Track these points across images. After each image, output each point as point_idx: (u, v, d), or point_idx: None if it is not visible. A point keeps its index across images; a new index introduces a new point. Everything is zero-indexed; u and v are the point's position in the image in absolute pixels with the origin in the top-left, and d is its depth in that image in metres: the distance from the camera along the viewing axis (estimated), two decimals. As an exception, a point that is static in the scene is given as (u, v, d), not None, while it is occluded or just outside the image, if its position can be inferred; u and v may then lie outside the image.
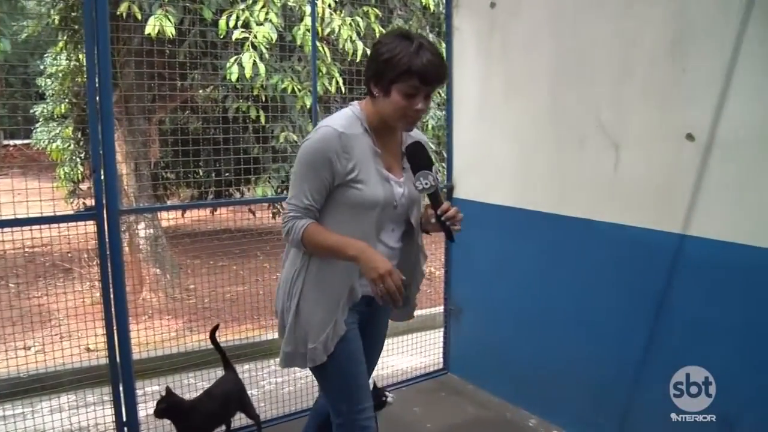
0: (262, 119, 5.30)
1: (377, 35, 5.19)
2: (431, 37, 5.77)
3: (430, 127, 5.81)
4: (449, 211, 1.89)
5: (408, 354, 3.91)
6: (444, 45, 3.72)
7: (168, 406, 2.76)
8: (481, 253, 3.53)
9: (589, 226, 2.90)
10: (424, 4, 5.45)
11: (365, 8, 5.32)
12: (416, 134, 2.05)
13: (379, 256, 1.82)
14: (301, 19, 4.97)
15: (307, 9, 4.49)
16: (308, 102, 4.98)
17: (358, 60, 4.94)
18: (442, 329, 3.92)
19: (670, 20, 2.55)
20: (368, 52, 4.93)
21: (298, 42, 4.89)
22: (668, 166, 2.59)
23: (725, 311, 2.42)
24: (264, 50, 4.75)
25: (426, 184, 1.87)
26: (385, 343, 3.80)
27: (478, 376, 3.66)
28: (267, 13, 4.72)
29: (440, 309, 3.97)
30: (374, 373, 3.70)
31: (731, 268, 2.40)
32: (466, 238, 3.56)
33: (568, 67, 2.97)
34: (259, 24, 4.70)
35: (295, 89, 5.11)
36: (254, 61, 4.63)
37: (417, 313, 4.73)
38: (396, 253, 2.03)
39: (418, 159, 1.90)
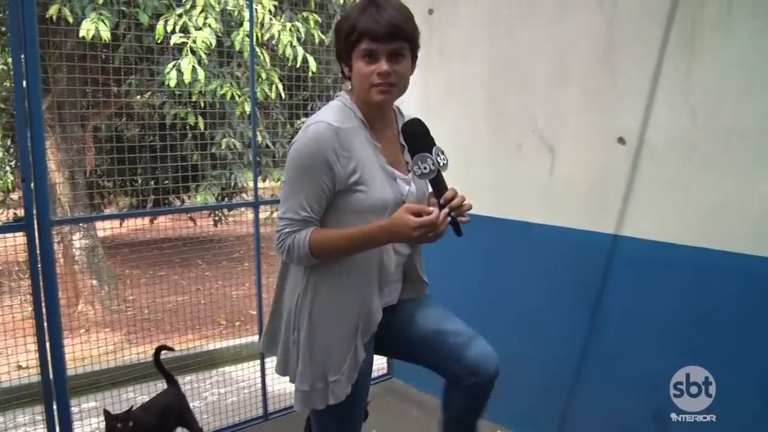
0: (201, 125, 5.22)
1: (317, 41, 5.19)
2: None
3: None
4: (454, 200, 1.59)
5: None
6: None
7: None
8: (427, 259, 3.53)
9: (527, 228, 2.95)
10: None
11: (305, 14, 5.30)
12: (407, 112, 1.86)
13: (395, 221, 1.55)
14: (241, 25, 4.92)
15: (247, 14, 4.43)
16: (248, 108, 4.93)
17: (298, 65, 4.91)
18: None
19: (601, 28, 2.62)
20: (309, 57, 4.93)
21: (238, 47, 4.84)
22: (601, 169, 2.67)
23: (655, 307, 2.51)
24: (203, 55, 4.67)
25: (425, 168, 1.59)
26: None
27: (422, 380, 3.67)
28: (206, 18, 4.65)
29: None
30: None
31: (660, 265, 2.49)
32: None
33: (505, 72, 3.02)
34: (198, 29, 4.63)
35: (235, 95, 5.05)
36: (193, 66, 4.56)
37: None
38: (405, 259, 1.85)
39: (414, 139, 1.64)
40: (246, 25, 4.69)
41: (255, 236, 3.27)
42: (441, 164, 1.61)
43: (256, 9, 4.77)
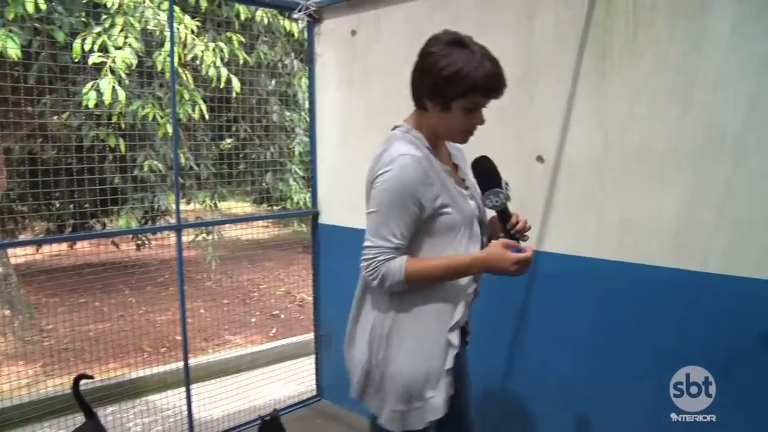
0: (122, 147, 5.07)
1: (241, 61, 5.14)
2: (296, 64, 5.79)
3: (297, 153, 5.80)
4: (518, 225, 1.80)
5: (282, 383, 3.85)
6: (307, 72, 3.74)
7: None
8: (347, 277, 3.52)
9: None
10: (288, 30, 5.47)
11: (228, 34, 5.25)
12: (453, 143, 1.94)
13: (494, 255, 1.69)
14: (162, 44, 4.83)
15: (168, 34, 4.37)
16: (171, 129, 4.83)
17: (222, 86, 4.86)
18: (314, 356, 3.89)
19: (519, 50, 2.70)
20: (233, 78, 4.87)
21: (160, 67, 4.74)
22: (522, 187, 2.73)
23: (573, 317, 2.59)
24: (123, 75, 4.56)
25: (497, 201, 1.76)
26: (259, 373, 3.77)
27: (351, 402, 3.64)
28: (126, 37, 4.54)
29: (312, 335, 3.93)
30: (247, 405, 3.64)
31: (577, 278, 2.58)
32: (332, 263, 3.61)
33: (425, 93, 3.07)
34: (118, 48, 4.51)
35: (157, 116, 4.94)
36: (113, 86, 4.44)
37: (290, 341, 4.70)
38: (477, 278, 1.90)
39: (485, 175, 1.81)
40: (168, 45, 4.61)
41: (178, 260, 3.19)
42: (509, 197, 1.78)
43: (178, 29, 4.70)
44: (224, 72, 4.91)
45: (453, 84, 1.65)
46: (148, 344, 5.39)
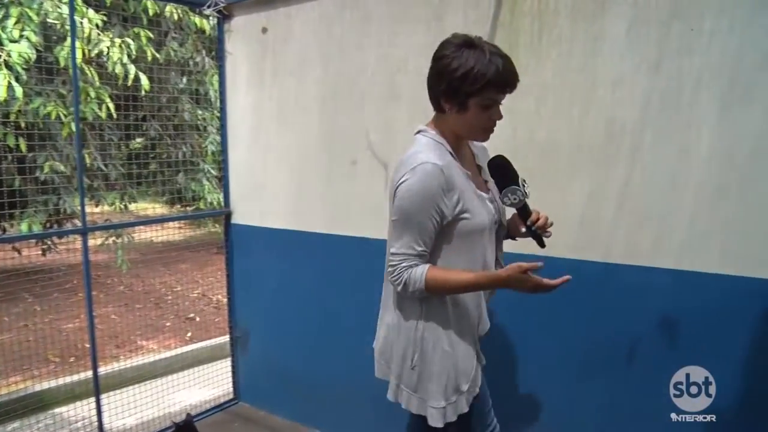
0: (23, 147, 4.80)
1: (150, 58, 4.98)
2: (207, 61, 5.67)
3: (209, 152, 5.68)
4: (539, 221, 1.81)
5: (197, 387, 3.76)
6: (218, 69, 3.67)
7: None
8: (262, 277, 3.51)
9: (365, 243, 3.01)
10: (199, 27, 5.33)
11: (136, 29, 5.07)
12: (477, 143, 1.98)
13: (514, 278, 1.70)
14: (64, 38, 4.61)
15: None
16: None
17: (129, 84, 4.68)
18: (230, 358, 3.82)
19: (429, 49, 2.70)
20: (141, 75, 4.71)
21: (62, 63, 4.52)
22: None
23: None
24: (21, 71, 4.32)
25: (515, 199, 1.77)
26: (172, 378, 3.66)
27: (269, 402, 3.62)
28: (23, 30, 4.30)
29: (228, 337, 3.86)
30: (162, 412, 3.53)
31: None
32: (247, 263, 3.56)
33: (338, 91, 3.08)
34: (14, 41, 4.27)
35: (60, 114, 4.71)
36: (9, 82, 4.19)
37: (206, 344, 4.60)
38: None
39: (501, 174, 1.81)
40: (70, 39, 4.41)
41: (84, 265, 3.06)
42: (528, 194, 1.78)
43: (81, 22, 4.50)
44: (132, 69, 4.74)
45: (467, 83, 1.70)
46: (55, 354, 5.15)
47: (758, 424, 2.05)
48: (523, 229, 1.83)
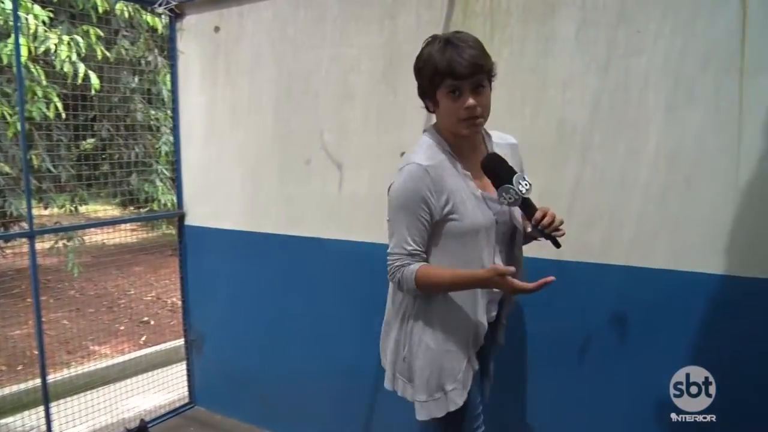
0: (-35, 148, 4.65)
1: (100, 56, 4.86)
2: (159, 60, 5.56)
3: (163, 152, 5.57)
4: (544, 219, 1.72)
5: (152, 392, 3.68)
6: (170, 68, 3.60)
7: None
8: (217, 279, 3.47)
9: (319, 244, 3.00)
10: (151, 25, 5.22)
11: (85, 27, 4.94)
12: (499, 137, 1.94)
13: (494, 282, 1.70)
14: (8, 35, 4.46)
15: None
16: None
17: (79, 83, 4.56)
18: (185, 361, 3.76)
19: (382, 48, 2.75)
20: (91, 74, 4.60)
21: (6, 61, 4.38)
22: (387, 183, 2.76)
23: None
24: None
25: (509, 198, 1.71)
26: (126, 383, 3.58)
27: (225, 405, 3.57)
28: (-38, 26, 4.16)
29: (183, 341, 3.80)
30: (116, 419, 3.46)
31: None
32: (201, 265, 3.51)
33: (291, 91, 3.05)
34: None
35: (6, 114, 4.57)
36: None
37: (161, 347, 4.52)
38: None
39: (493, 174, 1.75)
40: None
41: (31, 269, 2.97)
42: (523, 191, 1.71)
43: (26, 19, 4.37)
44: (81, 68, 4.61)
45: (423, 75, 1.76)
46: (3, 362, 4.99)
47: (758, 424, 2.07)
48: (529, 229, 1.81)
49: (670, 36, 2.12)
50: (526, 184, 1.72)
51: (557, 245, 1.78)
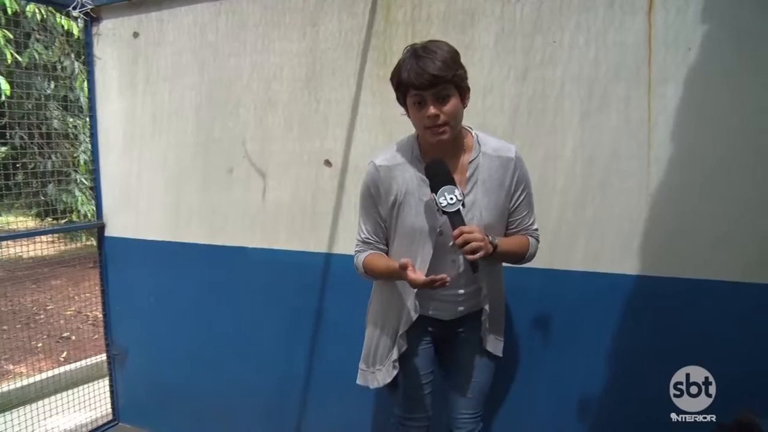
0: None
1: (10, 60, 4.65)
2: (77, 65, 5.36)
3: (82, 161, 5.37)
4: (459, 238, 1.70)
5: (72, 411, 3.53)
6: (86, 75, 3.48)
7: None
8: (140, 291, 3.36)
9: (244, 253, 2.96)
10: (66, 28, 5.02)
11: (-6, 30, 4.72)
12: (493, 149, 1.90)
13: (398, 274, 1.77)
14: None
15: None
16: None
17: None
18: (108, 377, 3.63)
19: (305, 56, 2.74)
20: (2, 80, 4.40)
21: None
22: (311, 191, 2.78)
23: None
24: None
25: (442, 203, 1.73)
26: (45, 402, 3.42)
27: (151, 420, 3.47)
28: None
29: (105, 356, 3.66)
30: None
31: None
32: (123, 277, 3.40)
33: (213, 98, 3.00)
34: None
35: None
36: None
37: (82, 363, 4.34)
38: (459, 295, 1.97)
39: (430, 181, 1.79)
40: None
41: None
42: (442, 203, 1.74)
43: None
44: (-9, 73, 4.40)
45: (394, 86, 1.85)
46: None
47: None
48: (451, 243, 1.77)
49: (583, 46, 2.21)
50: (451, 198, 1.73)
51: (473, 269, 1.78)
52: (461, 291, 1.98)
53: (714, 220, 2.09)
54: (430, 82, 1.72)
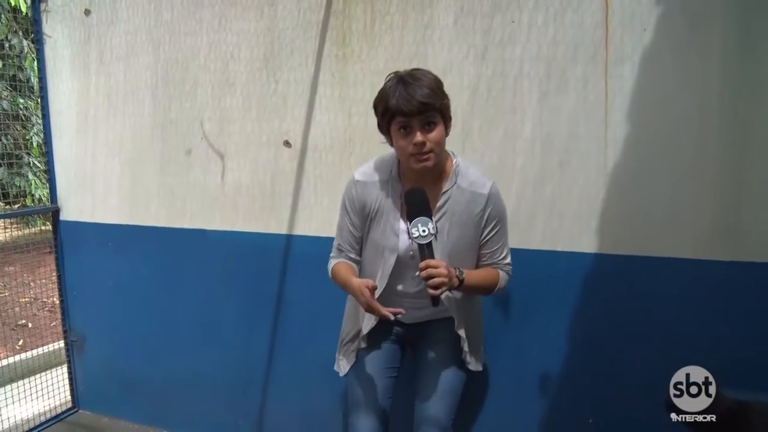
0: None
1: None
2: (26, 44, 5.18)
3: (35, 144, 5.21)
4: (424, 270, 1.70)
5: (29, 400, 3.46)
6: (36, 54, 3.36)
7: None
8: (98, 275, 3.30)
9: (203, 236, 2.93)
10: (14, 5, 4.83)
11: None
12: (470, 183, 1.90)
13: (353, 288, 1.81)
14: None
15: None
16: None
17: None
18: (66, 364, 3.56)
19: (263, 35, 2.70)
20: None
21: None
22: (271, 172, 2.76)
23: (327, 297, 2.53)
24: None
25: (414, 233, 1.72)
26: (1, 392, 3.34)
27: (112, 407, 3.42)
28: None
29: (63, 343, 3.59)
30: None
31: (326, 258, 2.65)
32: (80, 262, 3.33)
33: (169, 78, 2.94)
34: None
35: None
36: None
37: (39, 351, 4.26)
38: (422, 303, 1.92)
39: (409, 205, 1.78)
40: None
41: None
42: (415, 234, 1.72)
43: None
44: None
45: (379, 112, 1.83)
46: None
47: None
48: (417, 273, 1.76)
49: (542, 26, 2.22)
50: (424, 230, 1.72)
51: (433, 303, 1.77)
52: (422, 300, 1.93)
53: (668, 199, 2.14)
54: (419, 108, 1.72)
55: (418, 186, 1.80)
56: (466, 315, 2.06)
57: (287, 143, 2.70)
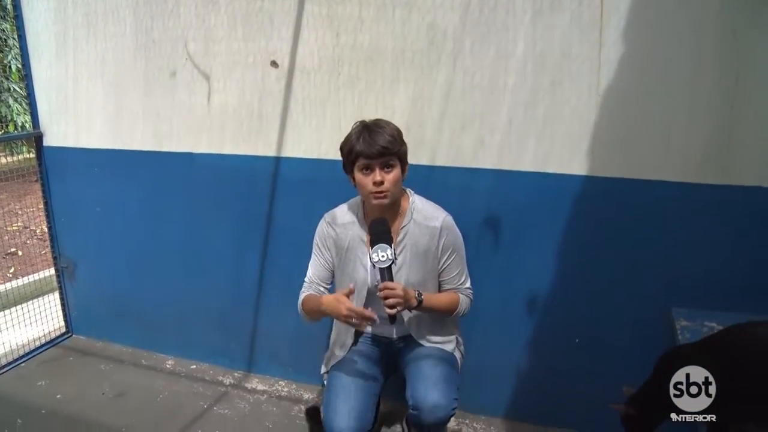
0: None
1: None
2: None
3: (14, 68, 5.05)
4: (382, 291, 1.88)
5: (25, 325, 3.49)
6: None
7: None
8: (84, 201, 3.26)
9: (191, 159, 2.89)
10: None
11: None
12: (424, 217, 2.07)
13: (327, 304, 1.93)
14: None
15: None
16: None
17: None
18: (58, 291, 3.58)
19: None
20: None
21: None
22: (258, 93, 2.70)
23: (317, 221, 2.58)
24: None
25: (374, 258, 1.89)
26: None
27: (105, 331, 3.47)
28: None
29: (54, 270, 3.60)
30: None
31: (319, 181, 2.67)
32: (66, 188, 3.29)
33: (150, -3, 2.82)
34: None
35: None
36: None
37: (31, 278, 4.26)
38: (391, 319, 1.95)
39: (372, 233, 1.95)
40: None
41: None
42: (375, 259, 1.91)
43: None
44: None
45: (344, 155, 2.02)
46: None
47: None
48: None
49: (536, -60, 2.13)
50: (383, 255, 1.90)
51: (390, 320, 1.91)
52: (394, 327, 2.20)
53: (660, 122, 2.12)
54: (380, 152, 1.93)
55: (375, 219, 1.99)
56: (421, 335, 2.18)
57: (274, 63, 2.62)
